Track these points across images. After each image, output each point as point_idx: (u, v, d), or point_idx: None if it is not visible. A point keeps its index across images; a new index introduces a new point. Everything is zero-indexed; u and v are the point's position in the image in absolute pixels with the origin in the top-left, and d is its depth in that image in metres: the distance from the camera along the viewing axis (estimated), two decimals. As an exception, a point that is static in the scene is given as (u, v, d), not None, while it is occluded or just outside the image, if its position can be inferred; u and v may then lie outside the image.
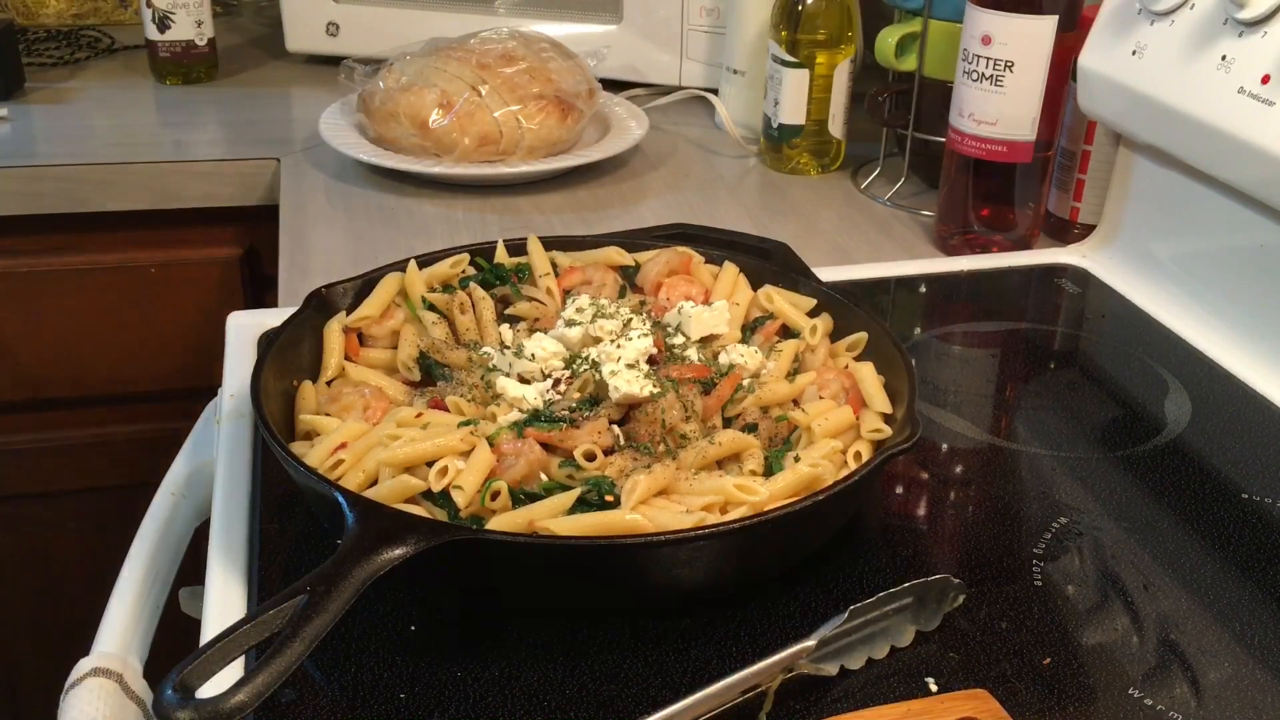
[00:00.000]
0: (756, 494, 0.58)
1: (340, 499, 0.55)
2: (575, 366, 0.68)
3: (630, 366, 0.67)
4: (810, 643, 0.54)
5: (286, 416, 0.67)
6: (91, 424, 1.24)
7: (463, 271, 0.77)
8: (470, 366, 0.70)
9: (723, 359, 0.71)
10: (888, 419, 0.66)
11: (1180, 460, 0.74)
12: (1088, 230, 1.03)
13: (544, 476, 0.61)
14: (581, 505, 0.59)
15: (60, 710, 0.56)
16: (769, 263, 0.80)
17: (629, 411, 0.65)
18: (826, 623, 0.55)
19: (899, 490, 0.71)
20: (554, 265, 0.79)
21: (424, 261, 0.76)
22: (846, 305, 0.75)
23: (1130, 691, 0.56)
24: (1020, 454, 0.75)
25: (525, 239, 0.80)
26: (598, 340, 0.70)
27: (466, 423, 0.63)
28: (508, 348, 0.71)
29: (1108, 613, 0.61)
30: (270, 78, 1.41)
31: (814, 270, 0.80)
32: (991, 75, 0.94)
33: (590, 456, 0.61)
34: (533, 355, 0.68)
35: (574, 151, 1.16)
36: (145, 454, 1.23)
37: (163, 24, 1.33)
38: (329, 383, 0.70)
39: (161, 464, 0.76)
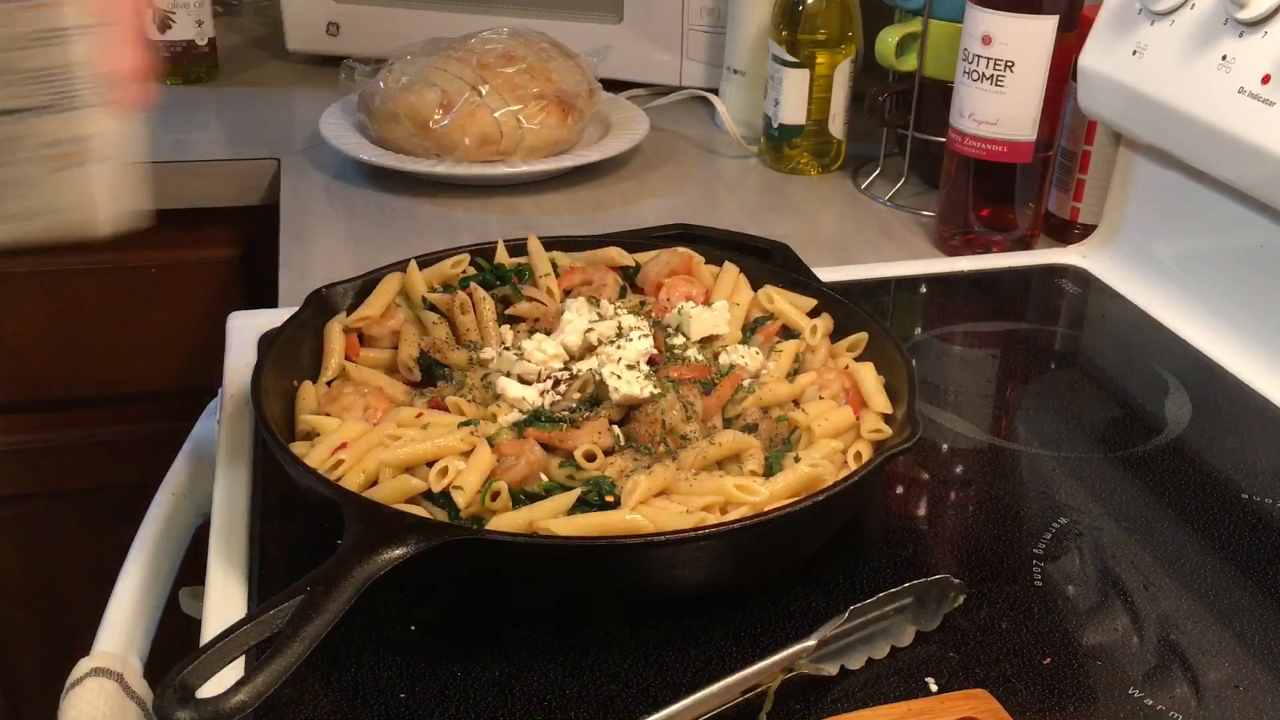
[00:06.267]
0: (757, 494, 0.58)
1: (340, 499, 0.55)
2: (575, 368, 0.68)
3: (630, 367, 0.67)
4: (810, 643, 0.54)
5: (286, 416, 0.67)
6: (91, 424, 1.24)
7: (463, 271, 0.77)
8: (471, 367, 0.70)
9: (723, 359, 0.71)
10: (888, 419, 0.66)
11: (1180, 460, 0.74)
12: (1088, 230, 1.03)
13: (544, 477, 0.61)
14: (582, 505, 0.59)
15: (60, 710, 0.56)
16: (769, 263, 0.80)
17: (629, 412, 0.65)
18: (826, 623, 0.55)
19: (899, 490, 0.71)
20: (554, 265, 0.79)
21: (424, 261, 0.76)
22: (846, 305, 0.75)
23: (1130, 691, 0.56)
24: (1020, 454, 0.75)
25: (525, 239, 0.80)
26: (598, 343, 0.70)
27: (467, 423, 0.63)
28: (508, 348, 0.71)
29: (1108, 613, 0.61)
30: (270, 78, 1.41)
31: (814, 270, 0.80)
32: (992, 75, 0.94)
33: (590, 457, 0.61)
34: (532, 356, 0.68)
35: (574, 151, 1.16)
36: (145, 454, 1.23)
37: (163, 24, 1.33)
38: (329, 383, 0.70)
39: (161, 464, 0.76)
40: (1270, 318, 0.83)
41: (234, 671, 0.49)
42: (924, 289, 0.97)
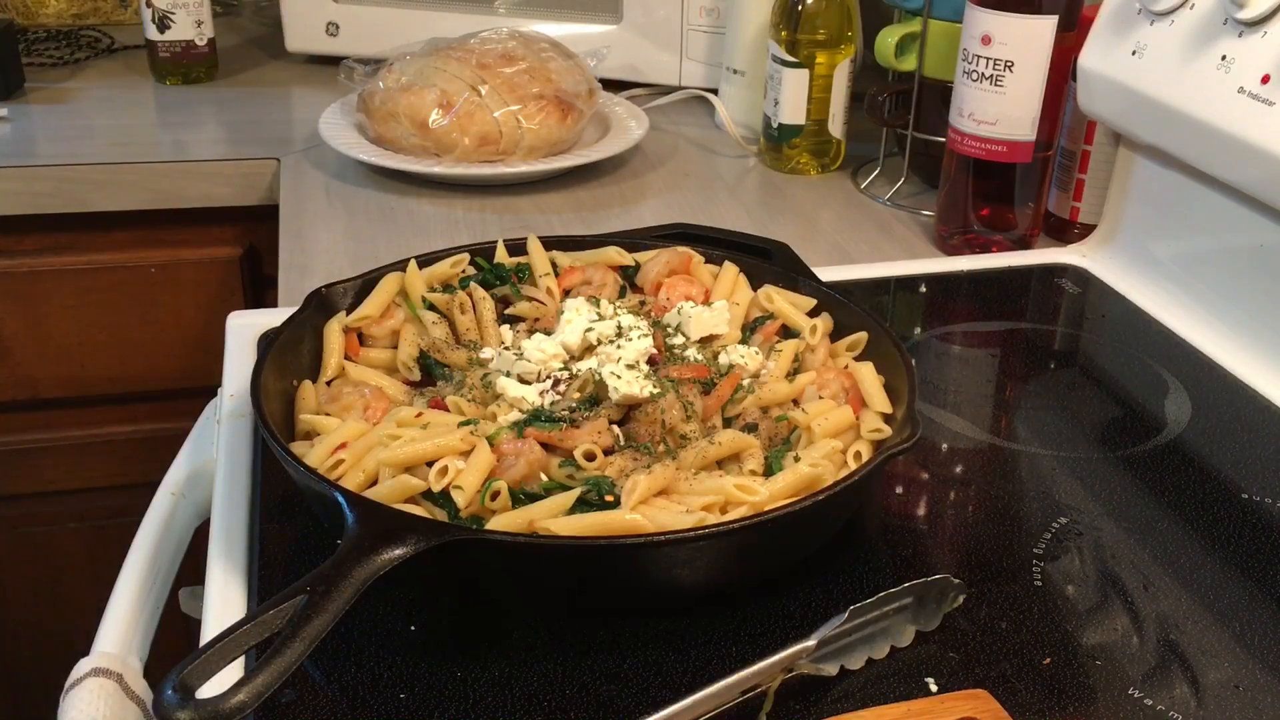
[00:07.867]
0: (756, 494, 0.58)
1: (340, 499, 0.55)
2: (575, 367, 0.68)
3: (630, 367, 0.67)
4: (810, 643, 0.54)
5: (286, 416, 0.67)
6: (91, 424, 1.24)
7: (463, 271, 0.77)
8: (470, 366, 0.70)
9: (723, 359, 0.71)
10: (888, 419, 0.66)
11: (1180, 460, 0.74)
12: (1088, 230, 1.03)
13: (544, 476, 0.61)
14: (581, 505, 0.59)
15: (60, 710, 0.56)
16: (769, 263, 0.80)
17: (629, 412, 0.65)
18: (826, 623, 0.55)
19: (899, 490, 0.71)
20: (554, 265, 0.79)
21: (424, 261, 0.76)
22: (846, 305, 0.75)
23: (1130, 691, 0.56)
24: (1020, 454, 0.75)
25: (525, 239, 0.80)
26: (597, 342, 0.70)
27: (466, 423, 0.63)
28: (508, 348, 0.71)
29: (1108, 613, 0.61)
30: (270, 78, 1.41)
31: (814, 270, 0.80)
32: (991, 75, 0.94)
33: (590, 456, 0.61)
34: (532, 356, 0.68)
35: (574, 151, 1.16)
36: (145, 454, 1.23)
37: (163, 24, 1.33)
38: (329, 383, 0.70)
39: (161, 464, 0.76)
40: (1270, 318, 0.83)
41: (234, 671, 0.49)
42: (924, 289, 0.97)
